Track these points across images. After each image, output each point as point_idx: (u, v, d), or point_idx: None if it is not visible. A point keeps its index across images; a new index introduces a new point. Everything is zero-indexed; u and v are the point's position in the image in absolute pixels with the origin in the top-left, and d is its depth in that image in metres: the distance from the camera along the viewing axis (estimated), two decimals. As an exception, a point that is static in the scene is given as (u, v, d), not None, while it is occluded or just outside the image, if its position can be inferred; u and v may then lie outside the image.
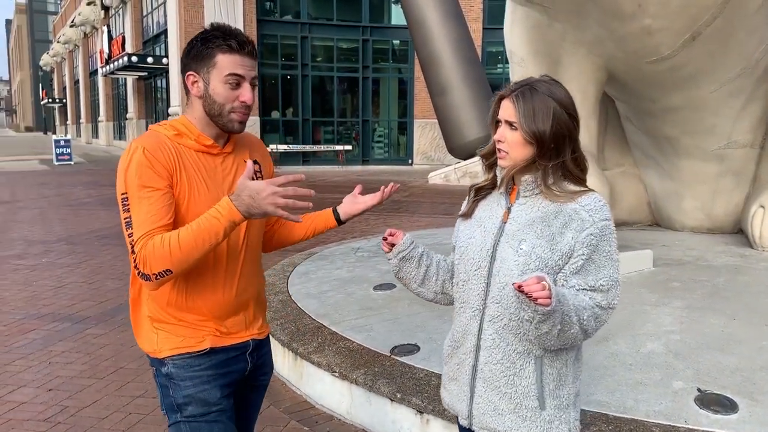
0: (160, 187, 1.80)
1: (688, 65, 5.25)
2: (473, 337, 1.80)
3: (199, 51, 1.88)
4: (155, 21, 25.82)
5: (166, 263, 1.74)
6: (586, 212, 1.69)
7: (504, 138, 1.74)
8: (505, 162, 1.76)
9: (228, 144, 1.99)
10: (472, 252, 1.80)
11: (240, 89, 1.88)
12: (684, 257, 5.42)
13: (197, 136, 1.92)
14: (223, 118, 1.90)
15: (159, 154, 1.83)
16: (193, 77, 1.90)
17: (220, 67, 1.85)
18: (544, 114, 1.69)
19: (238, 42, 1.86)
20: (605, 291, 1.68)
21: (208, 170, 1.93)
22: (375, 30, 23.59)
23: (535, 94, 1.71)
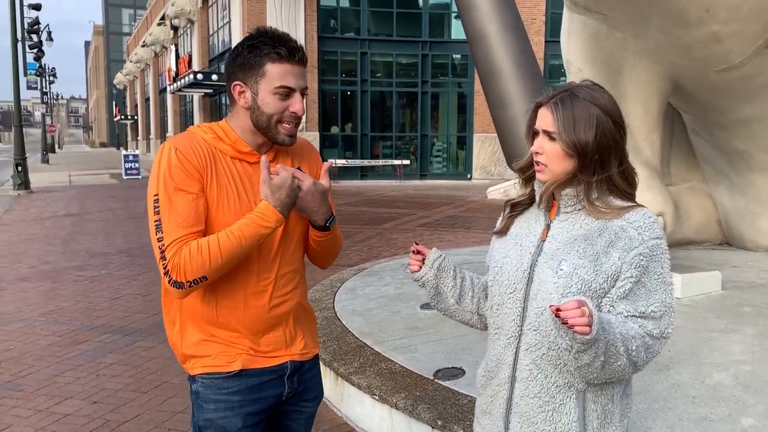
0: (193, 191, 1.72)
1: (761, 74, 4.90)
2: (508, 368, 1.63)
3: (247, 59, 1.77)
4: (220, 39, 26.56)
5: (204, 270, 1.67)
6: (634, 230, 1.51)
7: (542, 150, 1.57)
8: (543, 176, 1.59)
9: (270, 151, 1.87)
10: (507, 272, 1.64)
11: (290, 100, 1.78)
12: (757, 280, 5.03)
13: (234, 141, 1.81)
14: (271, 130, 1.80)
15: (192, 156, 1.75)
16: (240, 87, 1.79)
17: (269, 77, 1.75)
18: (587, 123, 1.52)
19: (288, 50, 1.75)
20: (657, 318, 1.50)
21: (243, 178, 1.81)
22: (435, 45, 23.51)
23: (576, 101, 1.54)
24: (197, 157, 1.75)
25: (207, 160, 1.77)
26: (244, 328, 1.82)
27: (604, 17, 5.17)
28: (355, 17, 23.56)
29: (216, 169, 1.77)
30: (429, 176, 23.78)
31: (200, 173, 1.74)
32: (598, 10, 5.15)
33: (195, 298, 1.80)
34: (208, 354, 1.82)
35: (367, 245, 9.58)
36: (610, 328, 1.42)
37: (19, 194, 18.16)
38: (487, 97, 19.50)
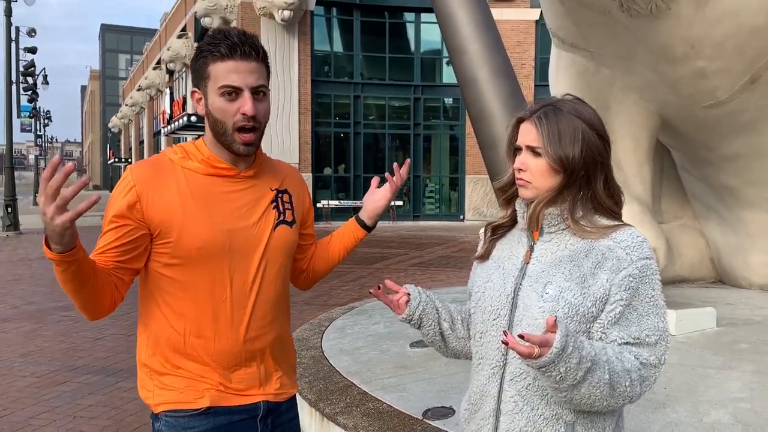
0: (128, 223, 1.62)
1: (747, 110, 4.92)
2: (492, 400, 1.53)
3: (195, 63, 1.68)
4: (215, 83, 26.87)
5: None
6: (622, 250, 1.43)
7: (526, 166, 1.48)
8: (527, 193, 1.50)
9: (250, 168, 1.75)
10: (489, 298, 1.55)
11: (239, 100, 1.63)
12: (752, 316, 4.95)
13: (207, 157, 1.69)
14: (227, 138, 1.66)
15: (145, 184, 1.63)
16: (198, 94, 1.70)
17: (213, 78, 1.63)
18: (572, 137, 1.46)
19: (228, 46, 1.61)
20: (652, 345, 1.41)
21: (215, 195, 1.68)
22: (426, 89, 23.83)
23: (560, 115, 1.47)
24: (154, 184, 1.64)
25: (167, 175, 1.66)
26: (214, 361, 1.68)
27: (591, 54, 5.21)
28: (348, 62, 23.92)
29: (178, 190, 1.65)
30: (422, 217, 23.78)
31: (148, 203, 1.63)
32: (585, 48, 5.20)
33: (163, 321, 1.69)
34: (174, 387, 1.68)
35: (359, 284, 9.46)
36: (599, 359, 1.33)
37: (7, 235, 18.02)
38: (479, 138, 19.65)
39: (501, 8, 21.62)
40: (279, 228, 1.77)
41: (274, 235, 1.76)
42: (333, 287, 9.26)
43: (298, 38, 21.75)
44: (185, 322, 1.67)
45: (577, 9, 4.93)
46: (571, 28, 5.19)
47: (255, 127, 1.66)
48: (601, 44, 5.06)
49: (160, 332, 1.68)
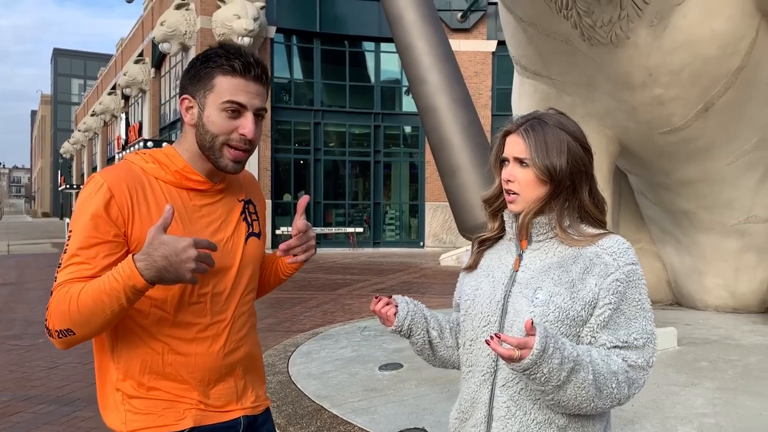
0: (106, 238, 1.51)
1: (702, 136, 5.13)
2: (484, 406, 1.54)
3: (197, 71, 1.60)
4: (172, 109, 26.56)
5: (66, 321, 1.45)
6: (609, 255, 1.46)
7: (513, 177, 1.52)
8: (516, 206, 1.54)
9: (221, 180, 1.70)
10: (480, 305, 1.57)
11: (240, 119, 1.58)
12: (710, 336, 5.09)
13: (181, 168, 1.62)
14: (214, 152, 1.59)
15: (121, 195, 1.54)
16: (189, 101, 1.62)
17: (218, 91, 1.57)
18: (558, 148, 1.50)
19: (243, 63, 1.57)
20: (640, 347, 1.44)
21: (188, 209, 1.62)
22: (386, 116, 24.06)
23: (545, 127, 1.52)
24: (128, 195, 1.55)
25: (142, 197, 1.57)
26: (194, 378, 1.63)
27: (553, 82, 5.37)
28: (308, 89, 24.00)
29: (155, 205, 1.58)
30: (382, 244, 23.79)
31: (125, 216, 1.54)
32: (547, 75, 5.35)
33: (136, 341, 1.61)
34: (150, 411, 1.60)
35: (321, 310, 9.38)
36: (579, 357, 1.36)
37: (-47, 262, 17.29)
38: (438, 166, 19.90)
39: (459, 39, 22.10)
40: (250, 240, 1.75)
41: (247, 248, 1.73)
42: (295, 313, 9.16)
43: (259, 65, 21.77)
44: (162, 340, 1.61)
45: (539, 37, 5.09)
46: (534, 56, 5.35)
47: (246, 151, 1.62)
48: (562, 72, 5.22)
49: (134, 354, 1.61)
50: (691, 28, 4.46)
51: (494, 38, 23.65)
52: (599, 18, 4.45)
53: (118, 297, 1.42)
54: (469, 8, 23.20)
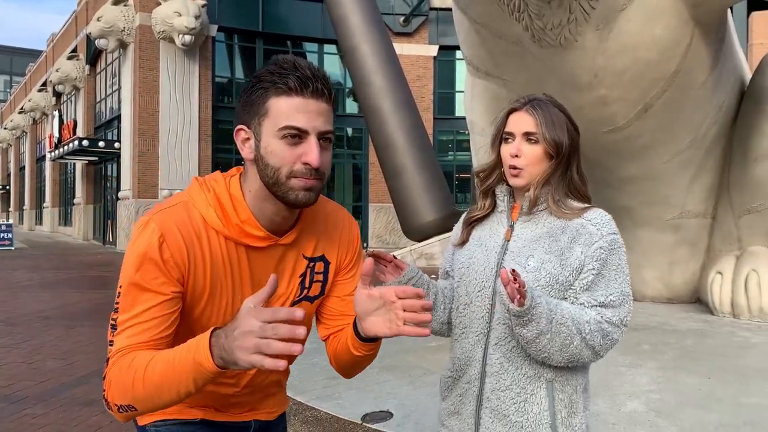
0: (164, 292, 1.35)
1: (642, 135, 5.45)
2: (478, 363, 1.66)
3: (249, 95, 1.38)
4: (108, 107, 25.78)
5: (128, 397, 1.29)
6: (593, 226, 1.61)
7: (521, 152, 1.63)
8: (520, 180, 1.65)
9: (291, 232, 1.48)
10: (474, 272, 1.69)
11: (303, 146, 1.34)
12: (649, 323, 5.42)
13: (244, 220, 1.41)
14: (280, 187, 1.36)
15: (177, 249, 1.36)
16: (244, 132, 1.39)
17: (273, 115, 1.34)
18: (561, 125, 1.63)
19: (298, 78, 1.33)
20: (616, 306, 1.58)
21: (242, 269, 1.44)
22: (329, 118, 24.10)
23: (548, 106, 1.65)
24: (184, 250, 1.37)
25: (198, 251, 1.39)
26: (209, 399, 1.58)
27: (503, 82, 5.59)
28: (250, 89, 23.78)
29: (212, 261, 1.40)
30: (325, 246, 23.79)
31: (182, 271, 1.37)
32: (498, 76, 5.57)
33: None
34: (163, 412, 1.55)
35: (270, 309, 9.36)
36: (557, 310, 1.50)
37: None
38: (383, 167, 20.10)
39: (401, 44, 22.37)
40: (298, 305, 1.55)
41: None
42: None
43: (199, 63, 21.43)
44: None
45: (491, 39, 5.31)
46: (486, 56, 5.56)
47: (317, 179, 1.38)
48: (513, 72, 5.46)
49: None
50: (633, 33, 4.75)
51: (436, 43, 24.08)
52: (549, 21, 4.69)
53: (187, 378, 1.23)
54: (412, 13, 23.54)
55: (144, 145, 20.59)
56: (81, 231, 28.78)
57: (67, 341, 7.12)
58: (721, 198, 6.14)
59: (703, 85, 5.35)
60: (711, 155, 5.96)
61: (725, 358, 4.37)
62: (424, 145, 18.45)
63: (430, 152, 18.63)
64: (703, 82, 5.33)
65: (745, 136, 5.83)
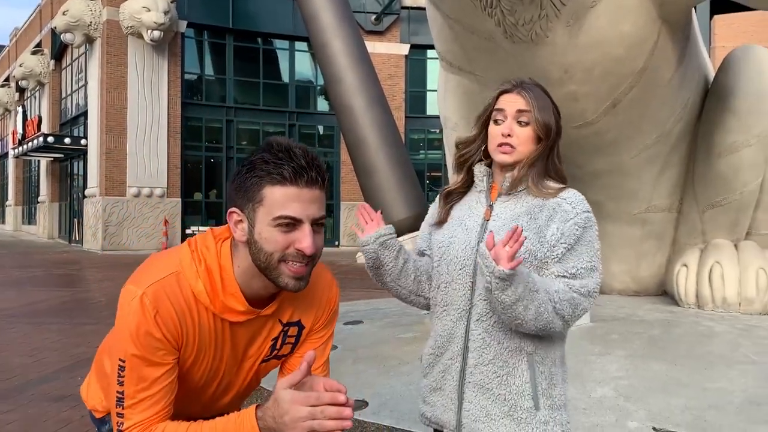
0: (167, 362, 1.43)
1: (610, 131, 5.57)
2: (460, 339, 1.72)
3: (243, 181, 1.41)
4: (74, 103, 25.32)
5: None
6: (568, 204, 1.68)
7: (513, 132, 1.70)
8: (509, 158, 1.71)
9: (272, 303, 1.54)
10: (455, 251, 1.74)
11: (296, 233, 1.40)
12: (617, 314, 5.54)
13: (230, 295, 1.47)
14: (272, 272, 1.42)
15: (171, 322, 1.42)
16: (237, 215, 1.43)
17: (268, 204, 1.38)
18: (548, 109, 1.71)
19: (293, 169, 1.37)
20: (584, 277, 1.65)
21: (224, 336, 1.52)
22: (301, 115, 24.03)
23: (538, 89, 1.73)
24: (178, 324, 1.43)
25: (189, 323, 1.45)
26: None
27: (476, 77, 5.66)
28: (220, 86, 23.59)
29: (200, 332, 1.47)
30: (296, 244, 23.70)
31: (178, 342, 1.44)
32: (471, 71, 5.63)
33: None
34: None
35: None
36: (531, 278, 1.56)
37: None
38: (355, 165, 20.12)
39: (373, 42, 22.39)
40: (266, 363, 1.66)
41: (258, 369, 1.65)
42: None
43: (168, 59, 21.18)
44: None
45: (464, 34, 5.36)
46: (459, 52, 5.62)
47: (309, 264, 1.45)
48: (485, 68, 5.52)
49: None
50: (602, 29, 4.85)
51: (407, 42, 24.16)
52: (521, 16, 4.75)
53: None
54: (383, 11, 23.57)
55: (111, 142, 20.27)
56: (46, 230, 28.19)
57: (34, 338, 7.00)
58: (686, 193, 6.30)
59: (669, 82, 5.48)
60: (677, 151, 6.11)
61: (690, 346, 4.50)
62: (396, 143, 18.53)
63: (402, 150, 18.72)
64: (669, 79, 5.46)
65: (709, 132, 6.00)
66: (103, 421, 1.72)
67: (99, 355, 1.78)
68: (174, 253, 1.51)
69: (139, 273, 1.49)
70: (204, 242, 1.51)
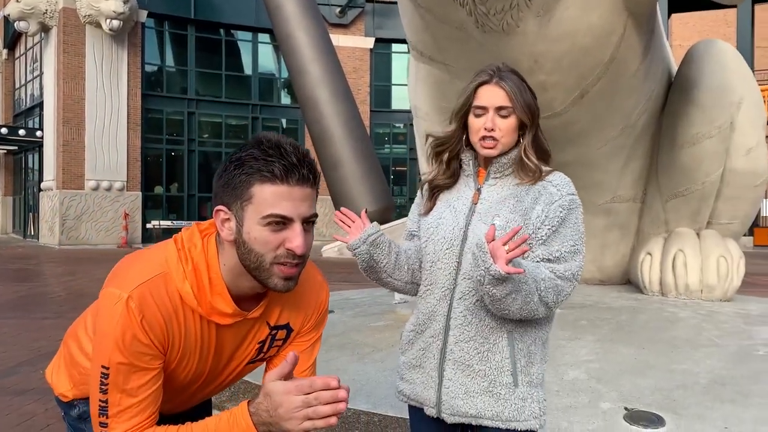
0: (153, 366, 1.39)
1: (578, 122, 5.65)
2: (442, 318, 1.73)
3: (231, 177, 1.37)
4: (29, 93, 24.57)
5: None
6: (553, 187, 1.70)
7: (496, 126, 1.70)
8: (494, 151, 1.72)
9: (260, 305, 1.51)
10: (443, 231, 1.75)
11: (286, 232, 1.37)
12: (585, 301, 5.64)
13: (217, 294, 1.43)
14: (262, 273, 1.39)
15: (157, 325, 1.38)
16: (224, 213, 1.39)
17: (257, 202, 1.35)
18: (525, 93, 1.72)
19: (284, 166, 1.34)
20: (568, 260, 1.66)
21: (210, 338, 1.49)
22: (264, 108, 23.79)
23: (511, 75, 1.74)
24: (164, 327, 1.39)
25: (175, 326, 1.41)
26: None
27: (447, 67, 5.68)
28: (181, 77, 23.18)
29: (185, 335, 1.44)
30: (259, 238, 23.49)
31: (164, 345, 1.40)
32: (442, 61, 5.65)
33: None
34: None
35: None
36: (520, 267, 1.54)
37: None
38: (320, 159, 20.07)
39: (337, 35, 22.28)
40: (252, 364, 1.65)
41: (242, 369, 1.64)
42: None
43: (128, 50, 20.73)
44: None
45: (435, 23, 5.37)
46: (430, 41, 5.63)
47: (299, 264, 1.42)
48: (456, 58, 5.54)
49: None
50: (571, 20, 4.91)
51: (372, 35, 24.12)
52: (492, 6, 4.78)
53: None
54: (348, 4, 23.48)
55: (69, 134, 19.74)
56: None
57: None
58: (650, 183, 6.44)
59: (635, 73, 5.59)
60: (641, 142, 6.24)
61: (656, 331, 4.60)
62: (362, 137, 18.47)
63: (367, 144, 18.68)
64: (635, 71, 5.56)
65: (672, 124, 6.14)
66: (71, 405, 1.67)
67: (66, 340, 1.73)
68: (159, 251, 1.45)
69: (122, 274, 1.42)
70: (191, 239, 1.46)
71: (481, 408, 1.67)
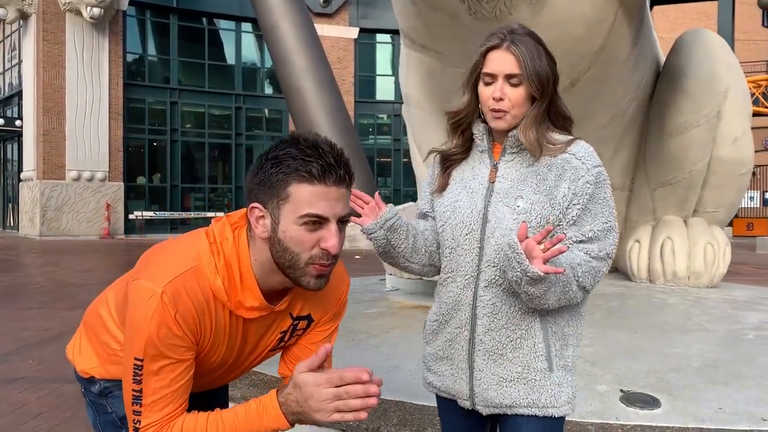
0: (186, 358, 1.42)
1: (568, 110, 5.69)
2: (468, 307, 1.63)
3: (268, 176, 1.38)
4: (8, 82, 24.16)
5: None
6: (578, 160, 1.58)
7: (505, 95, 1.57)
8: (503, 123, 1.59)
9: (285, 298, 1.53)
10: (460, 215, 1.64)
11: (321, 231, 1.38)
12: (575, 289, 5.70)
13: (247, 290, 1.45)
14: (295, 271, 1.41)
15: (191, 318, 1.40)
16: (259, 211, 1.40)
17: (294, 201, 1.36)
18: (540, 58, 1.58)
19: (321, 166, 1.35)
20: (601, 239, 1.58)
21: (239, 330, 1.52)
22: (248, 98, 23.63)
23: (525, 38, 1.59)
24: (197, 320, 1.42)
25: (207, 320, 1.44)
26: None
27: (438, 55, 5.67)
28: (164, 66, 22.93)
29: (216, 328, 1.47)
30: (244, 229, 23.39)
31: (196, 337, 1.43)
32: (433, 48, 5.64)
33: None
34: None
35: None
36: (557, 261, 1.48)
37: None
38: (305, 148, 19.35)
39: (322, 24, 22.16)
40: (272, 352, 1.68)
41: (263, 356, 1.68)
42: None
43: (109, 38, 20.46)
44: None
45: (427, 11, 5.36)
46: (422, 29, 5.61)
47: (332, 264, 1.44)
48: (448, 45, 5.53)
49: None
50: (564, 8, 4.93)
51: (356, 25, 24.04)
52: (486, -7, 4.79)
53: None
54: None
55: (49, 123, 19.47)
56: (-23, 215, 26.88)
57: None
58: (638, 172, 6.50)
59: (624, 62, 5.63)
60: (630, 131, 6.29)
61: (646, 316, 4.66)
62: (347, 127, 18.35)
63: (352, 134, 18.60)
64: (625, 59, 5.60)
65: (660, 112, 6.19)
66: (92, 381, 1.67)
67: (87, 319, 1.73)
68: (191, 244, 1.46)
69: (154, 266, 1.43)
70: (222, 233, 1.47)
71: (516, 396, 1.59)
